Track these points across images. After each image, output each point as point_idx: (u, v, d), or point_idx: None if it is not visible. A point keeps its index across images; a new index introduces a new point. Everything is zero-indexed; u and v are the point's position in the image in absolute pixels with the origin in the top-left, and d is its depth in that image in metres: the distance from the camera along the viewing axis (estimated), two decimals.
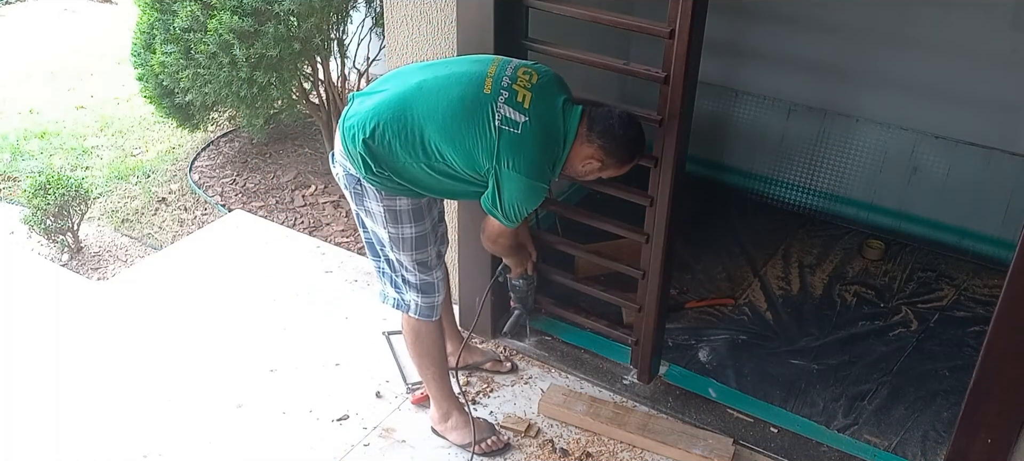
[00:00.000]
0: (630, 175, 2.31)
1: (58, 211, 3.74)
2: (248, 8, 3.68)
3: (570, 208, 2.98)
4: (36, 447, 2.65)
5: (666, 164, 2.42)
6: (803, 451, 2.64)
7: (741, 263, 3.60)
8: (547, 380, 2.90)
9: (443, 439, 2.65)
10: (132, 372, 2.94)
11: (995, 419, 2.20)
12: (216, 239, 3.74)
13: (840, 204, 3.89)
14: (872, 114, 3.67)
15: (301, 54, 3.93)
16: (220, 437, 2.67)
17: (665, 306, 2.73)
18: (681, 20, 2.21)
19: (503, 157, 2.10)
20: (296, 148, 4.78)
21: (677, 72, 2.28)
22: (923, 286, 3.48)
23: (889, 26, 3.49)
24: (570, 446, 2.65)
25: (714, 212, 3.94)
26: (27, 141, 4.84)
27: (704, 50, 2.32)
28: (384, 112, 2.14)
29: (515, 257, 2.56)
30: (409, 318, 2.47)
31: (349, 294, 3.35)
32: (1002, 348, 2.11)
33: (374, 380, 2.90)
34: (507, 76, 2.14)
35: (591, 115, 2.19)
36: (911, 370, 3.00)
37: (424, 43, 2.78)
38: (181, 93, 4.05)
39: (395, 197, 2.25)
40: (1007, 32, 3.26)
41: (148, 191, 4.36)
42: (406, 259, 2.36)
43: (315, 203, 4.23)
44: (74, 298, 3.36)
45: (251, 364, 2.97)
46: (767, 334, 3.17)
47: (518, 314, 2.79)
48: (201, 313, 3.24)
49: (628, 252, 2.91)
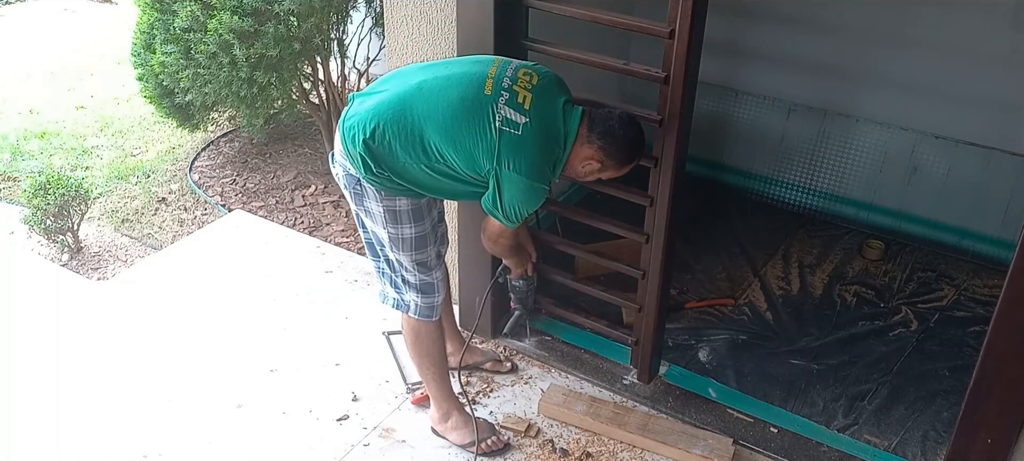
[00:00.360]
0: (630, 175, 2.31)
1: (58, 211, 3.74)
2: (248, 8, 3.68)
3: (570, 208, 2.99)
4: (36, 447, 2.65)
5: (666, 164, 2.42)
6: (803, 451, 2.64)
7: (741, 263, 3.60)
8: (547, 380, 2.90)
9: (443, 439, 2.65)
10: (132, 372, 2.94)
11: (995, 419, 2.20)
12: (216, 239, 3.74)
13: (840, 204, 3.89)
14: (872, 114, 3.67)
15: (301, 54, 3.93)
16: (220, 437, 2.67)
17: (665, 306, 2.73)
18: (681, 20, 2.21)
19: (503, 158, 2.10)
20: (296, 148, 4.78)
21: (677, 72, 2.28)
22: (923, 286, 3.48)
23: (889, 26, 3.49)
24: (570, 446, 2.65)
25: (714, 212, 3.94)
26: (27, 141, 4.84)
27: (704, 50, 2.32)
28: (384, 112, 2.14)
29: (515, 258, 2.57)
30: (409, 318, 2.47)
31: (349, 294, 3.35)
32: (1002, 348, 2.11)
33: (374, 380, 2.90)
34: (508, 77, 2.14)
35: (591, 116, 2.19)
36: (911, 370, 3.00)
37: (424, 43, 2.78)
38: (181, 93, 4.05)
39: (395, 197, 2.25)
40: (1007, 32, 3.26)
41: (148, 191, 4.36)
42: (406, 259, 2.36)
43: (315, 203, 4.23)
44: (74, 298, 3.36)
45: (251, 364, 2.97)
46: (767, 334, 3.17)
47: (518, 315, 2.79)
48: (201, 313, 3.24)
49: (628, 252, 2.91)
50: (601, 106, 2.24)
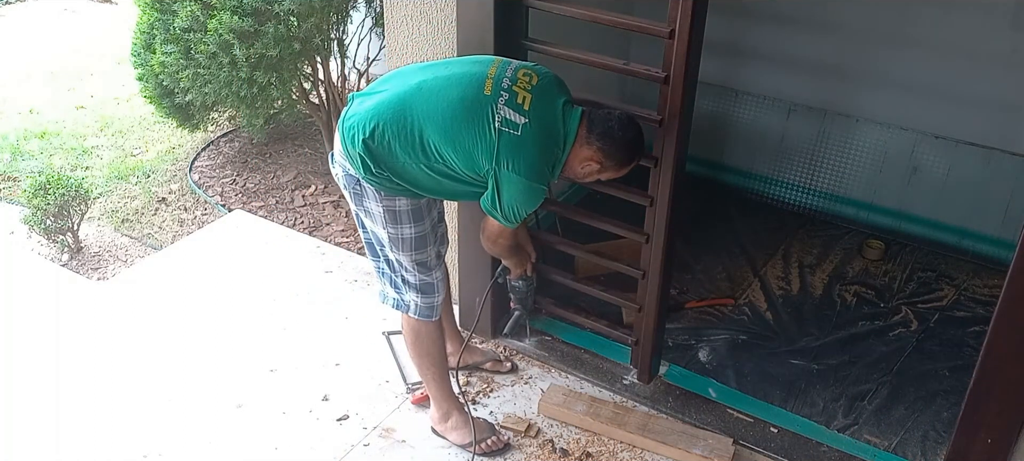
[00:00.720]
0: (630, 175, 2.31)
1: (58, 211, 3.74)
2: (248, 8, 3.68)
3: (570, 208, 2.98)
4: (36, 447, 2.65)
5: (666, 164, 2.42)
6: (803, 451, 2.64)
7: (741, 263, 3.60)
8: (547, 380, 2.90)
9: (443, 439, 2.65)
10: (132, 372, 2.94)
11: (995, 419, 2.20)
12: (216, 239, 3.74)
13: (840, 204, 3.89)
14: (872, 114, 3.67)
15: (301, 54, 3.93)
16: (220, 437, 2.67)
17: (665, 306, 2.73)
18: (681, 20, 2.21)
19: (503, 158, 2.10)
20: (296, 148, 4.78)
21: (677, 72, 2.28)
22: (923, 286, 3.48)
23: (889, 26, 3.49)
24: (570, 446, 2.65)
25: (714, 212, 3.94)
26: (27, 141, 4.84)
27: (704, 50, 2.32)
28: (384, 113, 2.14)
29: (515, 258, 2.56)
30: (409, 318, 2.47)
31: (349, 294, 3.35)
32: (1002, 348, 2.11)
33: (374, 380, 2.90)
34: (507, 77, 2.14)
35: (591, 117, 2.19)
36: (911, 370, 3.00)
37: (424, 43, 2.78)
38: (181, 93, 4.05)
39: (394, 197, 2.25)
40: (1007, 32, 3.26)
41: (148, 191, 4.36)
42: (405, 259, 2.36)
43: (315, 203, 4.23)
44: (74, 298, 3.36)
45: (251, 364, 2.97)
46: (767, 334, 3.17)
47: (518, 315, 2.79)
48: (201, 313, 3.24)
49: (628, 252, 2.91)
50: (601, 107, 2.24)
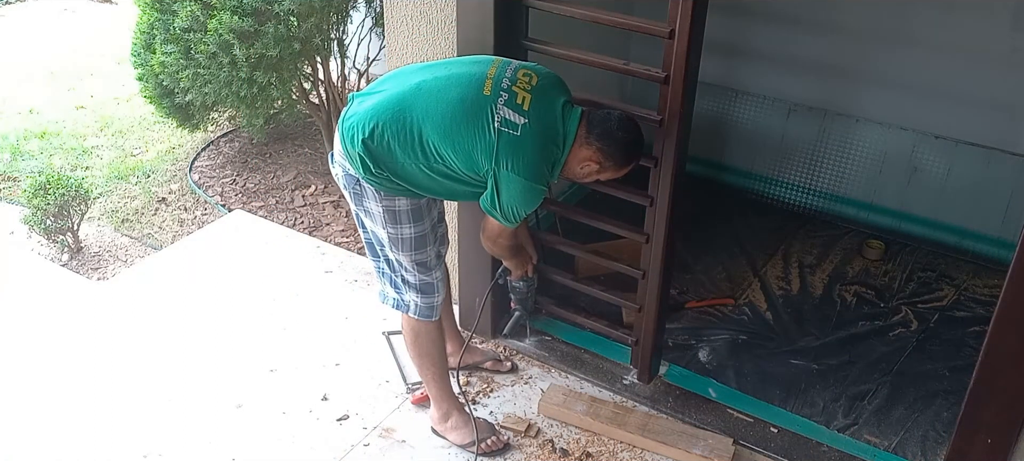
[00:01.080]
0: (630, 175, 2.31)
1: (58, 211, 3.74)
2: (248, 8, 3.68)
3: (570, 208, 2.99)
4: (36, 447, 2.65)
5: (666, 164, 2.42)
6: (803, 451, 2.64)
7: (741, 263, 3.60)
8: (547, 380, 2.90)
9: (443, 439, 2.65)
10: (132, 372, 2.94)
11: (995, 419, 2.20)
12: (216, 239, 3.74)
13: (840, 204, 3.89)
14: (872, 114, 3.67)
15: (301, 54, 3.94)
16: (220, 437, 2.67)
17: (665, 306, 2.73)
18: (681, 20, 2.21)
19: (502, 158, 2.10)
20: (296, 148, 4.78)
21: (677, 72, 2.28)
22: (923, 286, 3.48)
23: (889, 26, 3.49)
24: (570, 446, 2.65)
25: (714, 212, 3.94)
26: (27, 141, 4.84)
27: (704, 50, 2.32)
28: (383, 113, 2.14)
29: (515, 259, 2.56)
30: (409, 318, 2.47)
31: (349, 294, 3.35)
32: (1002, 348, 2.11)
33: (374, 380, 2.90)
34: (507, 78, 2.14)
35: (590, 117, 2.19)
36: (911, 370, 3.00)
37: (424, 43, 2.78)
38: (181, 93, 4.05)
39: (394, 197, 2.25)
40: (1007, 32, 3.26)
41: (148, 191, 4.36)
42: (405, 259, 2.36)
43: (315, 203, 4.23)
44: (74, 298, 3.36)
45: (251, 364, 2.97)
46: (767, 334, 3.17)
47: (518, 315, 2.80)
48: (201, 313, 3.24)
49: (628, 252, 2.91)
50: (601, 107, 2.24)
